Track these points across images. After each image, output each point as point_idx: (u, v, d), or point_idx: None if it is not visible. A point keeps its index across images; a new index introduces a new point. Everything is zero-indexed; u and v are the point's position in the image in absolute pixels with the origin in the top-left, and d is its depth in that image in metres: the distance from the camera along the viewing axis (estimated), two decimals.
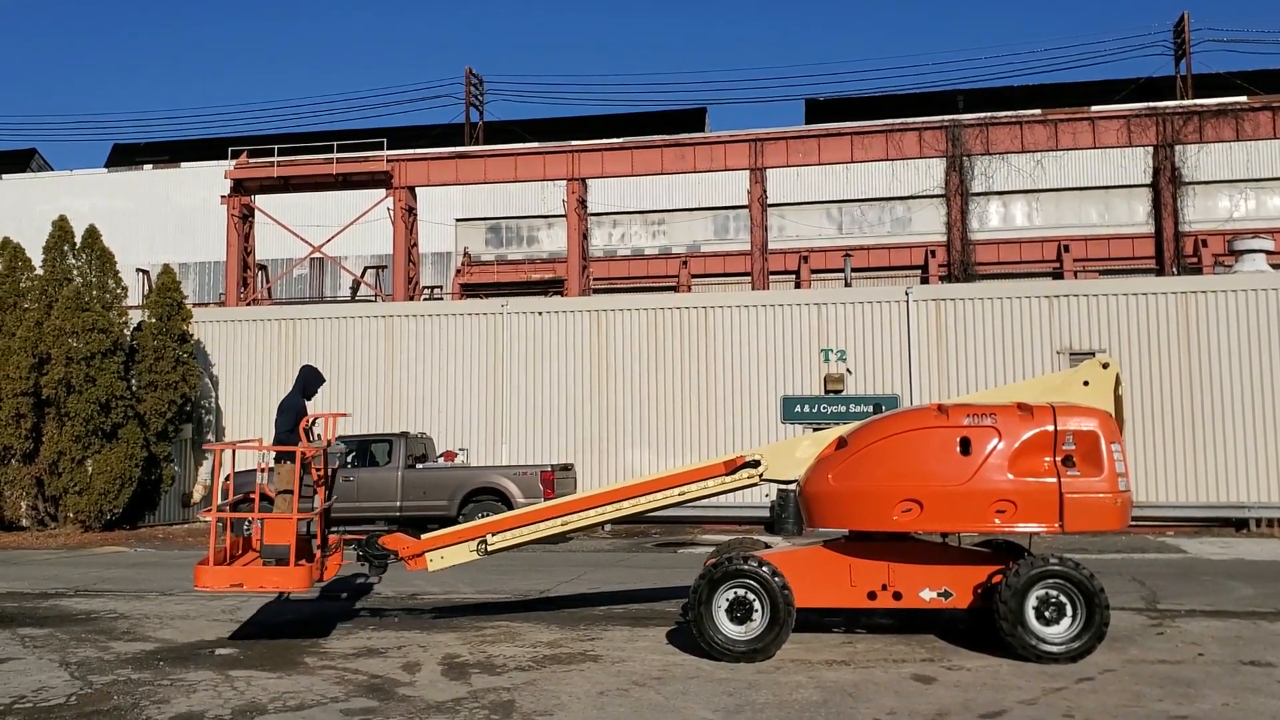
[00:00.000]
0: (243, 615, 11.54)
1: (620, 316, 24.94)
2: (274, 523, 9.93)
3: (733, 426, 23.86)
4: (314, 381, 11.27)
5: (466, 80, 57.94)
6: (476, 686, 8.05)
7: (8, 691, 8.07)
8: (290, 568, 9.66)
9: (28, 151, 63.37)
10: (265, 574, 9.74)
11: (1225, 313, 22.43)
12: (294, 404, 10.85)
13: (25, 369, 22.40)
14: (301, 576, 9.67)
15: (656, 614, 11.20)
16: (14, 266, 23.91)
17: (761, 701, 7.51)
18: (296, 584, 9.75)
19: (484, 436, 24.80)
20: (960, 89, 53.72)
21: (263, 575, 9.75)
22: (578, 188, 36.99)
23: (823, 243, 46.25)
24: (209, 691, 7.98)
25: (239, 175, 38.29)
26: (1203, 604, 11.64)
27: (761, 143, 35.51)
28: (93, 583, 14.67)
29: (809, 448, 9.89)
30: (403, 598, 12.80)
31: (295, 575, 9.66)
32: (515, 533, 10.50)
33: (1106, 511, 8.79)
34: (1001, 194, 44.07)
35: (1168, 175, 34.52)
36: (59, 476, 22.56)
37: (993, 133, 34.15)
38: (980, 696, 7.59)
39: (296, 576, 9.66)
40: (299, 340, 26.17)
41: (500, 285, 45.28)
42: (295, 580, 9.69)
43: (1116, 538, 18.72)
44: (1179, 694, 7.61)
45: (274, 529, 9.83)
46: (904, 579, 9.21)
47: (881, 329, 23.76)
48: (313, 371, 11.41)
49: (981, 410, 9.08)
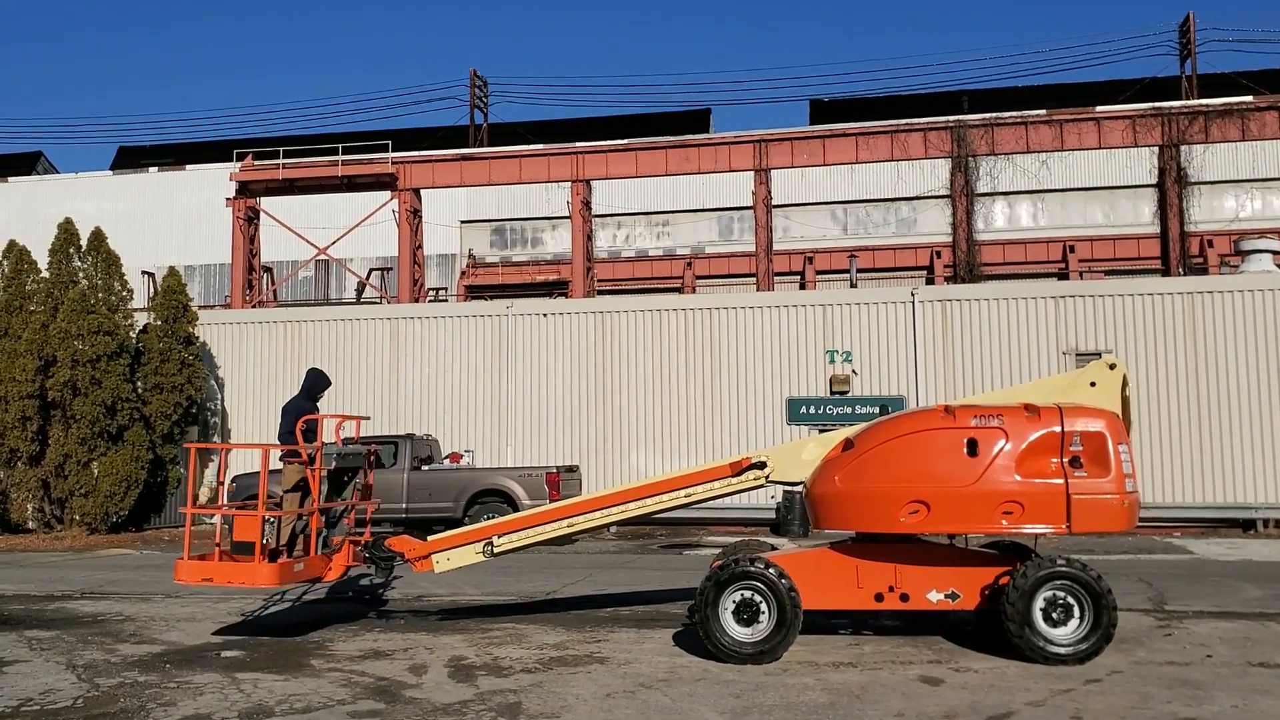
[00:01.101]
0: (249, 617, 11.54)
1: (625, 318, 24.94)
2: (242, 519, 10.06)
3: (738, 428, 23.85)
4: (319, 384, 11.41)
5: (471, 82, 58.01)
6: (483, 689, 8.04)
7: (15, 694, 8.08)
8: (258, 564, 9.70)
9: (33, 154, 63.52)
10: (234, 569, 9.80)
11: (1232, 313, 22.38)
12: (296, 406, 10.96)
13: (31, 372, 22.43)
14: (269, 573, 9.71)
15: (663, 616, 11.19)
16: (20, 269, 23.95)
17: (769, 703, 7.49)
18: (264, 580, 9.79)
19: (489, 438, 24.80)
20: (965, 89, 53.70)
21: (231, 570, 9.81)
22: (582, 189, 37.00)
23: (828, 244, 46.22)
24: (215, 694, 7.97)
25: (244, 178, 38.34)
26: (1210, 605, 11.61)
27: (766, 144, 35.50)
28: (99, 585, 14.68)
29: (815, 449, 9.87)
30: (409, 599, 12.79)
31: (263, 571, 9.69)
32: (521, 534, 10.50)
33: (1114, 512, 8.77)
34: (1007, 194, 44.01)
35: (1173, 175, 34.48)
36: (65, 479, 22.59)
37: (998, 133, 34.12)
38: (988, 698, 7.57)
39: (264, 573, 9.70)
40: (304, 342, 26.20)
41: (505, 287, 45.31)
42: (263, 576, 9.74)
43: (1124, 539, 18.69)
44: (1187, 696, 7.58)
45: (242, 525, 9.96)
46: (911, 580, 9.18)
47: (887, 330, 23.73)
48: (318, 374, 11.53)
49: (988, 411, 9.05)
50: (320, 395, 11.53)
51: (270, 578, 9.78)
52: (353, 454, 11.21)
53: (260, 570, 9.70)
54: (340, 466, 10.95)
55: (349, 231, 39.69)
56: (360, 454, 11.29)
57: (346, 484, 11.19)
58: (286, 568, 9.97)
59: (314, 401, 11.36)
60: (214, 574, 9.88)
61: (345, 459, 10.99)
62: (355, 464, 11.17)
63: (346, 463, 11.04)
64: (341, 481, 11.15)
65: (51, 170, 62.55)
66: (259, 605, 12.31)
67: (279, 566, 9.85)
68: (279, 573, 9.82)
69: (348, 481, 11.20)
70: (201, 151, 58.03)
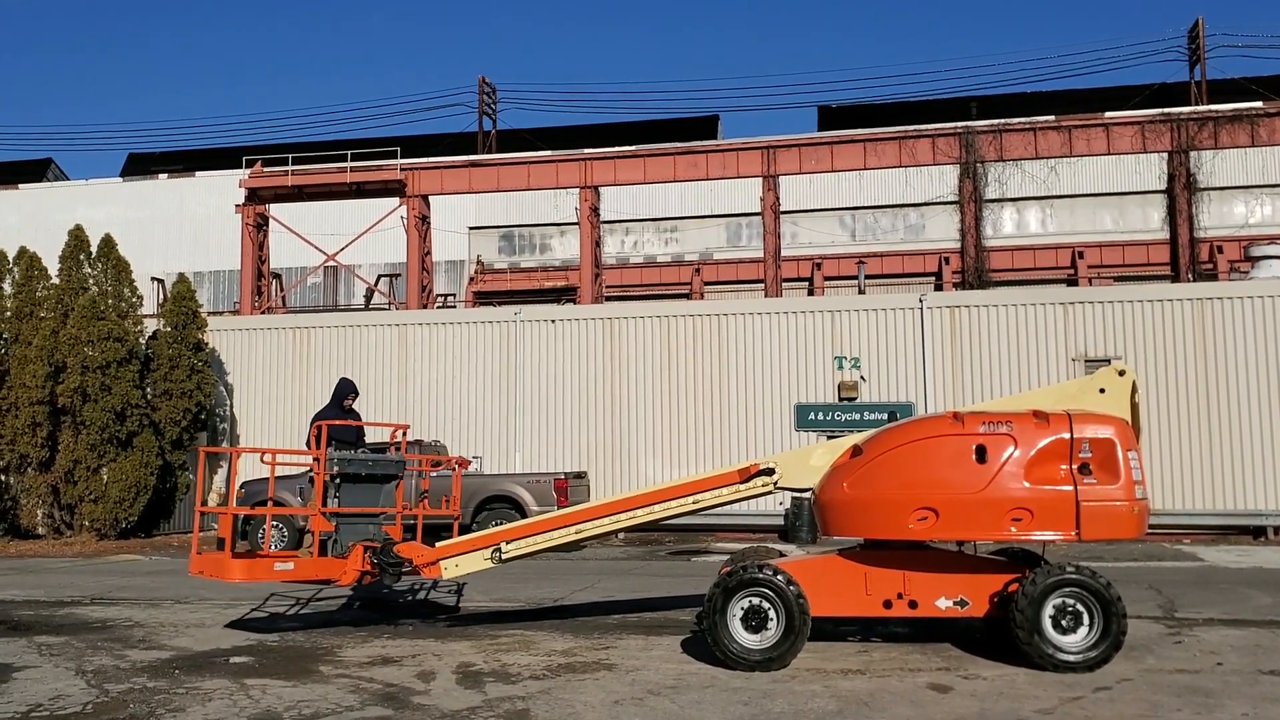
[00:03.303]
0: (258, 623, 11.56)
1: (633, 324, 24.95)
2: (221, 516, 11.15)
3: (746, 434, 23.83)
4: (341, 391, 12.26)
5: (479, 89, 58.13)
6: (491, 695, 8.04)
7: (25, 699, 8.10)
8: (222, 557, 10.54)
9: (44, 161, 63.78)
10: (210, 562, 10.64)
11: (1242, 319, 22.32)
12: (320, 413, 11.62)
13: (41, 378, 22.52)
14: (233, 568, 10.38)
15: (670, 622, 11.17)
16: (30, 276, 24.06)
17: (777, 711, 7.48)
18: (227, 574, 10.42)
19: (497, 444, 24.83)
20: (974, 95, 53.59)
21: (208, 563, 10.65)
22: (590, 195, 37.02)
23: (836, 250, 46.18)
24: (225, 700, 7.99)
25: (253, 184, 38.44)
26: (1221, 613, 11.57)
27: (774, 150, 35.48)
28: (108, 591, 14.72)
29: (823, 455, 9.86)
30: (417, 606, 12.80)
31: (226, 565, 10.42)
32: (529, 541, 10.51)
33: (1123, 519, 8.74)
34: (1015, 200, 43.92)
35: (1182, 181, 34.35)
36: (74, 485, 22.66)
37: (1006, 139, 34.06)
38: (997, 706, 7.55)
39: (227, 567, 10.41)
40: (313, 348, 26.27)
41: (513, 293, 45.34)
42: (227, 570, 10.40)
43: (1133, 545, 18.64)
44: (1197, 704, 7.55)
45: (221, 522, 11.12)
46: (920, 587, 9.16)
47: (895, 336, 23.71)
48: (343, 382, 12.45)
49: (997, 418, 9.03)
50: (347, 400, 12.22)
51: (233, 572, 10.39)
52: (357, 460, 11.31)
53: (226, 563, 10.43)
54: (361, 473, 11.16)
55: (358, 238, 39.76)
56: (392, 460, 11.48)
57: (381, 490, 11.36)
58: (258, 565, 10.59)
59: (340, 407, 11.88)
60: (204, 567, 10.65)
61: (348, 464, 11.14)
62: (385, 470, 11.34)
63: (350, 468, 11.18)
64: (371, 487, 11.30)
65: (62, 177, 62.78)
66: (267, 611, 12.34)
67: (244, 564, 10.50)
68: (244, 568, 10.43)
69: (383, 488, 11.38)
70: (210, 158, 58.22)
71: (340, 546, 10.91)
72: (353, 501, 11.17)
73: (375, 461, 11.45)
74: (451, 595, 13.36)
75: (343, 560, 10.75)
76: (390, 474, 11.40)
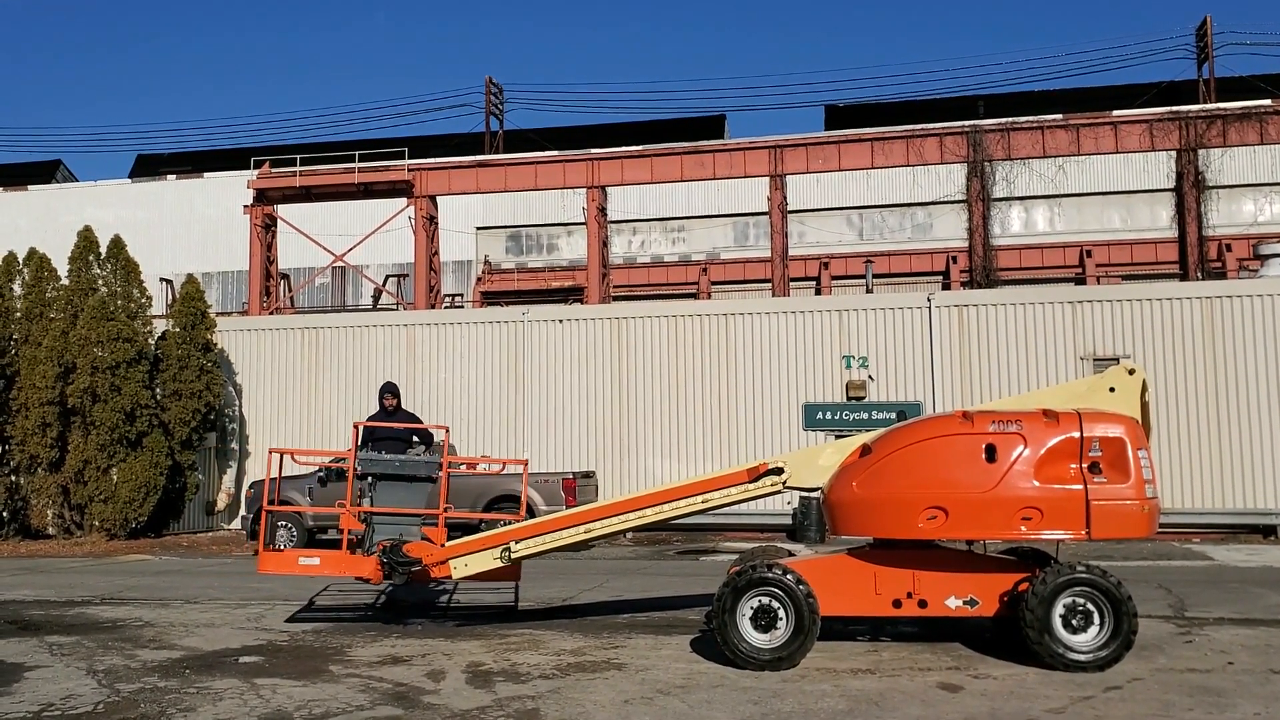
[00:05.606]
0: (267, 623, 11.59)
1: (641, 324, 24.94)
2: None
3: (754, 434, 23.80)
4: (381, 393, 12.87)
5: (486, 89, 58.21)
6: (501, 695, 8.05)
7: (36, 699, 8.13)
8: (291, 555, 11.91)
9: (53, 163, 64.02)
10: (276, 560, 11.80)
11: (1251, 317, 22.24)
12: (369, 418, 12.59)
13: (51, 378, 22.59)
14: (263, 561, 11.44)
15: (680, 622, 11.17)
16: (40, 277, 24.14)
17: (787, 710, 7.47)
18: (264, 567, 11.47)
19: (506, 444, 24.83)
20: (981, 94, 53.58)
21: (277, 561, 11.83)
22: (597, 195, 37.04)
23: (843, 249, 46.15)
24: (235, 699, 8.01)
25: (261, 185, 38.54)
26: (1231, 612, 11.53)
27: (781, 149, 35.47)
28: (118, 590, 14.76)
29: (832, 455, 9.84)
30: (426, 605, 12.82)
31: (265, 559, 11.52)
32: (538, 540, 10.52)
33: (1133, 518, 8.71)
34: (1023, 199, 43.86)
35: (1191, 179, 34.30)
36: (84, 485, 22.72)
37: (1014, 138, 34.01)
38: (1007, 705, 7.53)
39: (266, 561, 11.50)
40: (321, 349, 26.31)
41: (521, 293, 45.38)
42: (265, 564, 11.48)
43: (1143, 544, 18.59)
44: (1209, 703, 7.53)
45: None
46: (929, 587, 9.14)
47: (904, 335, 23.66)
48: (382, 385, 13.14)
49: (1007, 417, 9.01)
50: (386, 401, 12.64)
51: (261, 565, 11.35)
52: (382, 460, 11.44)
53: (265, 558, 11.48)
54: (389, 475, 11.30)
55: (365, 238, 39.85)
56: (424, 463, 11.54)
57: (418, 491, 11.44)
58: (284, 558, 11.77)
59: (382, 409, 12.20)
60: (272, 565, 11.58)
61: (371, 463, 11.31)
62: (414, 471, 11.44)
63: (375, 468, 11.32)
64: (400, 486, 11.37)
65: (71, 178, 63.02)
66: (277, 611, 12.36)
67: (270, 556, 11.56)
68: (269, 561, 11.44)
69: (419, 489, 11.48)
70: (219, 159, 58.38)
71: (369, 545, 11.00)
72: (384, 502, 11.28)
73: (402, 462, 11.49)
74: (459, 594, 13.38)
75: (370, 558, 10.86)
76: (418, 475, 11.46)
